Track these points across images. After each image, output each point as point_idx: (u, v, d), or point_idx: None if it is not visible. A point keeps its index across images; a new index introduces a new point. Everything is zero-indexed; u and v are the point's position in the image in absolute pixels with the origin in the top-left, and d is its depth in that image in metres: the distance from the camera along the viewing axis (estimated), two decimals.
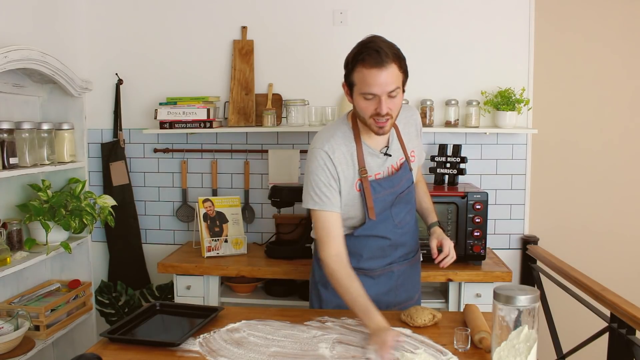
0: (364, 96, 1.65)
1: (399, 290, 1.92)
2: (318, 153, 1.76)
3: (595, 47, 2.82)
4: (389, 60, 1.63)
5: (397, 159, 1.84)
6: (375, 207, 1.79)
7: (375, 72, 1.62)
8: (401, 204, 1.85)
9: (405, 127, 1.89)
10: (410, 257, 1.94)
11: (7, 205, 2.42)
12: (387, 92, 1.63)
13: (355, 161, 1.77)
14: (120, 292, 2.93)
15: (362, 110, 1.68)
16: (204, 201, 2.67)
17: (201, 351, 1.54)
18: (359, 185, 1.77)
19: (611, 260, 2.85)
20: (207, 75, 2.94)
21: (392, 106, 1.66)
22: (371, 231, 1.82)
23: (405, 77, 1.72)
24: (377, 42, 1.66)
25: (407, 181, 1.86)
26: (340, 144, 1.77)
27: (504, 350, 1.33)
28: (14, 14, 2.41)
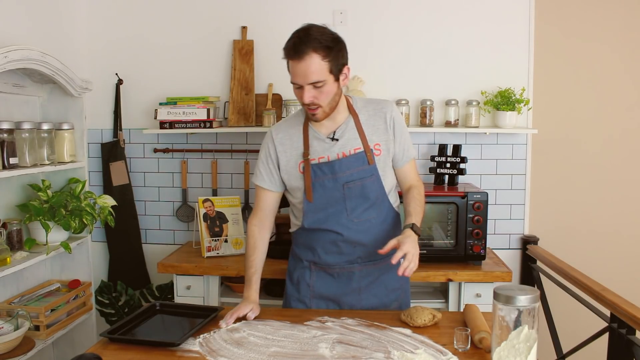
0: (294, 85, 1.73)
1: (363, 294, 1.89)
2: (267, 133, 1.92)
3: (595, 47, 2.82)
4: (309, 50, 1.64)
5: (349, 146, 1.82)
6: (315, 192, 1.81)
7: (295, 63, 1.68)
8: (356, 198, 1.82)
9: (369, 119, 1.85)
10: (378, 259, 1.87)
11: (7, 205, 2.42)
12: (308, 82, 1.68)
13: (300, 143, 1.83)
14: (120, 292, 2.93)
15: (297, 98, 1.77)
16: (204, 201, 2.67)
17: (201, 351, 1.54)
18: (302, 167, 1.83)
19: (611, 260, 2.85)
20: (207, 75, 2.94)
21: (319, 95, 1.71)
22: (321, 224, 1.83)
23: (335, 65, 1.69)
24: (304, 32, 1.68)
25: (360, 172, 1.81)
26: (289, 126, 1.89)
27: (504, 350, 1.33)
28: (14, 14, 2.41)
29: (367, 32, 2.86)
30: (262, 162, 1.90)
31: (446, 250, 2.51)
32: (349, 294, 1.88)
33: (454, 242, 2.48)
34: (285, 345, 1.57)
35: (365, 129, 1.84)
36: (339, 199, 1.81)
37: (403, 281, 1.98)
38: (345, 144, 1.82)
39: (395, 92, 2.85)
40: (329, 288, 1.89)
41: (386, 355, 1.49)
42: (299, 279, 1.94)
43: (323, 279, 1.90)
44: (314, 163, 1.81)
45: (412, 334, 1.63)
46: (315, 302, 1.91)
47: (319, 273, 1.90)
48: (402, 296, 1.97)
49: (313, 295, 1.91)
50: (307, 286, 1.91)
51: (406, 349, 1.53)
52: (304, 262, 1.93)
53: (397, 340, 1.59)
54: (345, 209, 1.82)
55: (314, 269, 1.90)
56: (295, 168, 1.84)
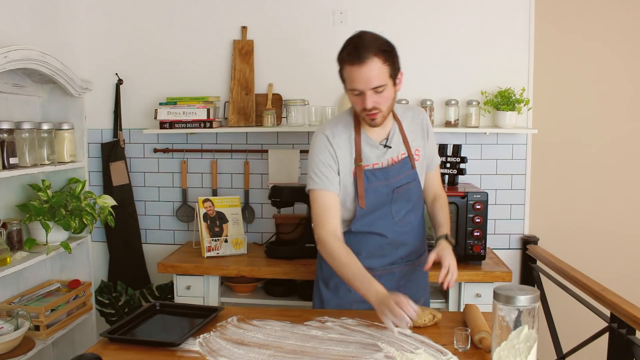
0: (352, 92, 1.71)
1: (401, 292, 1.89)
2: (320, 137, 1.84)
3: (595, 47, 2.82)
4: (370, 55, 1.64)
5: (398, 152, 1.85)
6: (367, 198, 1.81)
7: (356, 69, 1.65)
8: (401, 201, 1.85)
9: (410, 125, 1.90)
10: (413, 258, 1.93)
11: (7, 205, 2.42)
12: (370, 87, 1.67)
13: (353, 149, 1.81)
14: (120, 292, 2.93)
15: (354, 104, 1.76)
16: (204, 201, 2.67)
17: (201, 351, 1.54)
18: (354, 173, 1.82)
19: (611, 260, 2.85)
20: (207, 75, 2.94)
21: (380, 100, 1.70)
22: (369, 227, 1.83)
23: (393, 70, 1.70)
24: (360, 38, 1.68)
25: (407, 177, 1.85)
26: (341, 131, 1.84)
27: (504, 350, 1.33)
28: (14, 14, 2.41)
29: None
30: (323, 165, 1.80)
31: None
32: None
33: (454, 242, 2.48)
34: (285, 345, 1.57)
35: (408, 135, 1.88)
36: (385, 203, 1.84)
37: (427, 278, 2.05)
38: (394, 150, 1.85)
39: None
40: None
41: (386, 355, 1.49)
42: (337, 285, 1.90)
43: None
44: (368, 169, 1.81)
45: (412, 334, 1.63)
46: (356, 306, 1.89)
47: None
48: (427, 292, 2.05)
49: (354, 299, 1.88)
50: (349, 291, 1.88)
51: (406, 349, 1.53)
52: None
53: (397, 340, 1.59)
54: (391, 212, 1.84)
55: None
56: (349, 174, 1.82)
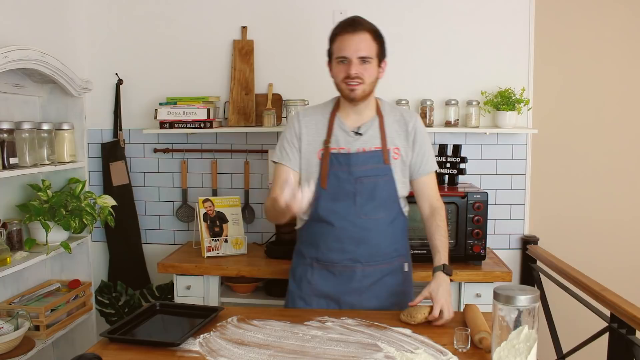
0: (338, 60, 1.80)
1: (365, 294, 1.88)
2: (294, 115, 1.96)
3: (595, 47, 2.82)
4: (363, 28, 1.79)
5: (370, 144, 1.86)
6: (329, 181, 1.84)
7: (348, 36, 1.78)
8: (366, 195, 1.84)
9: (393, 123, 1.91)
10: (382, 261, 1.88)
11: (7, 205, 2.42)
12: (357, 55, 1.76)
13: (324, 131, 1.87)
14: (120, 292, 2.93)
15: (336, 75, 1.82)
16: (204, 201, 2.67)
17: (201, 351, 1.54)
18: (321, 154, 1.85)
19: (611, 261, 2.85)
20: (207, 75, 2.94)
21: (364, 71, 1.78)
22: (328, 215, 1.84)
23: (381, 51, 1.83)
24: (357, 17, 1.85)
25: (375, 170, 1.84)
26: (316, 112, 1.94)
27: (504, 350, 1.33)
28: (14, 14, 2.41)
29: None
30: (287, 141, 1.91)
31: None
32: (350, 293, 1.88)
33: (454, 242, 2.48)
34: (285, 345, 1.57)
35: (388, 131, 1.88)
36: (349, 193, 1.83)
37: (406, 286, 1.97)
38: (367, 141, 1.86)
39: (395, 92, 2.85)
40: (330, 286, 1.89)
41: (386, 355, 1.49)
42: (301, 276, 1.95)
43: (324, 277, 1.90)
44: (334, 152, 1.85)
45: (412, 334, 1.63)
46: (315, 300, 1.91)
47: (321, 271, 1.90)
48: (403, 300, 1.94)
49: (313, 292, 1.91)
50: (308, 283, 1.92)
51: (406, 349, 1.53)
52: (307, 259, 1.94)
53: (397, 340, 1.59)
54: (355, 204, 1.83)
55: (316, 266, 1.91)
56: (314, 154, 1.86)
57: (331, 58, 1.84)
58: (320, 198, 1.84)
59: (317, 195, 1.83)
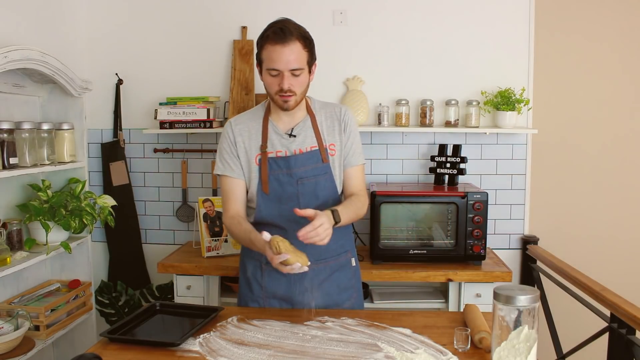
0: (270, 72, 1.76)
1: (315, 293, 1.88)
2: (226, 124, 1.92)
3: (595, 47, 2.83)
4: (293, 38, 1.73)
5: (306, 144, 1.86)
6: (271, 185, 1.83)
7: (278, 48, 1.72)
8: (308, 196, 1.84)
9: (326, 120, 1.91)
10: (329, 257, 1.90)
11: (7, 205, 2.42)
12: (289, 68, 1.73)
13: (259, 136, 1.86)
14: (120, 292, 2.93)
15: (269, 86, 1.80)
16: (204, 201, 2.67)
17: (201, 351, 1.54)
18: (258, 160, 1.85)
19: (611, 260, 2.86)
20: (207, 75, 2.94)
21: (295, 83, 1.76)
22: (274, 218, 1.84)
23: (311, 57, 1.80)
24: (285, 22, 1.77)
25: (315, 170, 1.85)
26: (247, 119, 1.92)
27: (504, 350, 1.33)
28: (14, 14, 2.41)
29: (367, 32, 2.86)
30: (225, 152, 1.89)
31: (446, 250, 2.51)
32: (302, 293, 1.88)
33: (454, 242, 2.48)
34: (285, 345, 1.57)
35: (322, 129, 1.89)
36: (292, 195, 1.84)
37: (355, 280, 1.99)
38: (302, 142, 1.86)
39: (395, 92, 2.85)
40: (281, 287, 1.90)
41: (386, 355, 1.49)
42: (250, 278, 1.95)
43: (274, 279, 1.89)
44: (271, 157, 1.85)
45: (412, 334, 1.63)
46: (268, 302, 1.91)
47: (271, 272, 1.89)
48: (354, 295, 1.98)
49: (266, 295, 1.91)
50: (260, 286, 1.92)
51: (406, 349, 1.53)
52: (256, 260, 1.93)
53: (397, 340, 1.59)
54: (299, 204, 1.82)
55: (265, 268, 1.90)
56: (252, 160, 1.86)
57: (261, 65, 1.79)
58: (263, 203, 1.85)
59: (260, 201, 1.85)
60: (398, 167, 2.90)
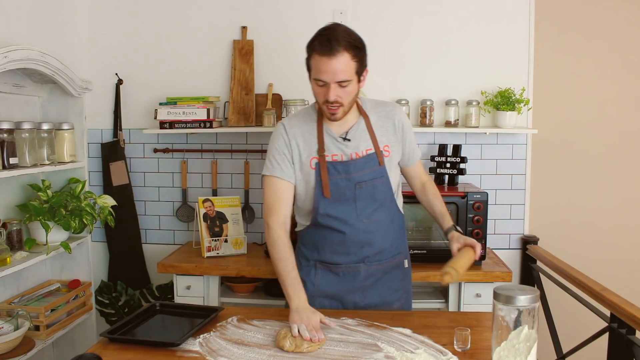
0: (317, 82, 1.72)
1: (367, 292, 1.89)
2: (278, 126, 1.89)
3: (595, 47, 2.82)
4: (341, 49, 1.66)
5: (361, 147, 1.84)
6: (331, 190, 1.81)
7: (325, 60, 1.66)
8: (366, 198, 1.83)
9: (379, 120, 1.88)
10: (383, 259, 1.90)
11: (7, 205, 2.42)
12: (336, 80, 1.68)
13: (313, 140, 1.83)
14: (120, 292, 2.93)
15: (316, 95, 1.77)
16: (204, 201, 2.67)
17: (201, 351, 1.54)
18: (314, 163, 1.82)
19: (611, 260, 2.85)
20: (207, 75, 2.94)
21: (343, 94, 1.71)
22: (330, 222, 1.83)
23: (360, 66, 1.73)
24: (333, 30, 1.69)
25: (372, 173, 1.83)
26: (300, 121, 1.88)
27: (504, 350, 1.33)
28: (14, 14, 2.41)
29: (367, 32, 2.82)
30: (277, 152, 1.84)
31: (446, 250, 2.47)
32: (353, 292, 1.89)
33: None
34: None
35: (376, 130, 1.86)
36: (349, 198, 1.82)
37: (405, 282, 1.99)
38: (358, 145, 1.84)
39: (395, 92, 2.85)
40: (334, 286, 1.90)
41: (386, 355, 1.49)
42: (303, 278, 1.93)
43: (328, 278, 1.90)
44: (328, 160, 1.82)
45: (412, 334, 1.64)
46: (318, 300, 1.90)
47: (324, 272, 1.90)
48: (404, 296, 1.98)
49: (317, 293, 1.91)
50: (312, 285, 1.91)
51: (406, 349, 1.53)
52: (310, 261, 1.93)
53: (397, 340, 1.59)
54: (355, 208, 1.82)
55: (320, 267, 1.91)
56: (306, 164, 1.83)
57: (310, 72, 1.76)
58: (322, 206, 1.83)
59: (319, 204, 1.83)
60: None
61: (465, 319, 1.80)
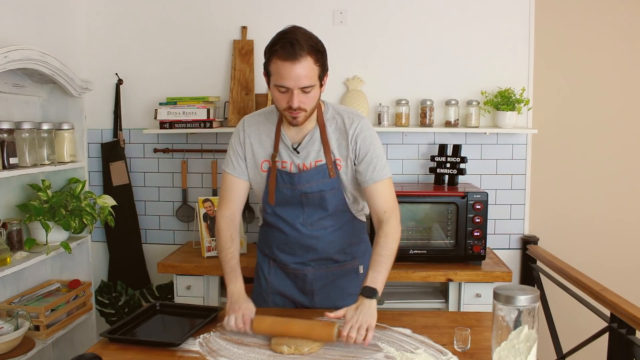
0: (278, 89, 1.63)
1: (317, 296, 1.88)
2: (240, 122, 1.87)
3: (595, 47, 2.82)
4: (304, 53, 1.57)
5: (310, 159, 1.77)
6: (276, 196, 1.80)
7: (288, 65, 1.58)
8: (313, 207, 1.79)
9: (334, 132, 1.78)
10: (332, 265, 1.86)
11: (7, 205, 2.42)
12: (299, 86, 1.60)
13: (269, 143, 1.81)
14: (120, 292, 2.93)
15: (277, 101, 1.68)
16: (204, 201, 2.67)
17: (201, 351, 1.54)
18: (265, 166, 1.81)
19: (611, 260, 2.85)
20: (207, 75, 2.94)
21: (306, 100, 1.64)
22: (276, 222, 1.84)
23: (322, 71, 1.65)
24: (294, 34, 1.59)
25: (321, 185, 1.76)
26: (260, 121, 1.84)
27: (504, 350, 1.33)
28: (14, 14, 2.41)
29: (367, 32, 2.86)
30: (232, 150, 1.84)
31: (446, 250, 2.51)
32: (303, 294, 1.89)
33: (454, 242, 2.48)
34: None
35: (330, 141, 1.77)
36: (296, 204, 1.81)
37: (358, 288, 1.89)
38: (307, 156, 1.77)
39: (395, 92, 2.85)
40: (285, 286, 1.91)
41: (386, 355, 1.49)
42: (259, 273, 1.97)
43: (279, 276, 1.92)
44: (278, 168, 1.79)
45: (412, 334, 1.63)
46: (272, 298, 1.92)
47: (276, 270, 1.92)
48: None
49: (270, 290, 1.92)
50: (266, 281, 1.93)
51: (406, 349, 1.53)
52: (265, 256, 1.95)
53: (397, 340, 1.59)
54: (303, 213, 1.81)
55: (272, 264, 1.93)
56: (257, 166, 1.82)
57: (269, 77, 1.66)
58: (268, 209, 1.84)
59: (265, 206, 1.85)
60: (398, 167, 2.90)
61: (465, 319, 1.80)
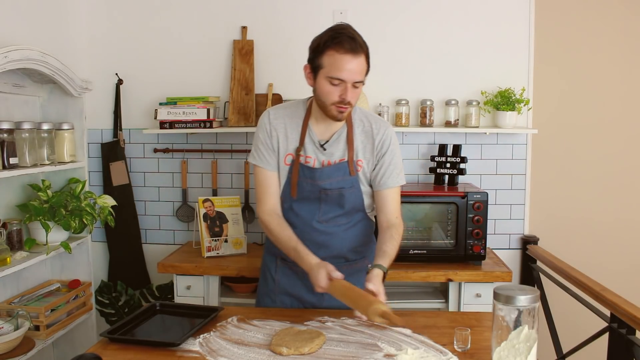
0: (331, 81, 1.66)
1: (327, 294, 1.83)
2: (264, 115, 1.86)
3: (596, 47, 2.82)
4: (362, 50, 1.65)
5: (335, 157, 1.80)
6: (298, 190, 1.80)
7: (348, 58, 1.63)
8: (331, 204, 1.82)
9: (360, 133, 1.82)
10: (343, 263, 1.86)
11: (7, 205, 2.42)
12: (353, 80, 1.65)
13: (295, 137, 1.81)
14: (120, 292, 2.93)
15: (326, 94, 1.68)
16: (204, 201, 2.67)
17: (201, 351, 1.54)
18: (289, 160, 1.81)
19: (611, 260, 2.85)
20: (207, 75, 2.94)
21: (355, 95, 1.69)
22: (291, 218, 1.84)
23: (368, 69, 1.71)
24: (351, 29, 1.67)
25: (341, 182, 1.79)
26: (287, 115, 1.84)
27: (504, 350, 1.33)
28: (14, 14, 2.41)
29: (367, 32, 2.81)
30: (262, 143, 1.83)
31: (446, 250, 2.51)
32: (312, 293, 1.87)
33: (454, 242, 2.48)
34: None
35: (355, 142, 1.81)
36: (314, 200, 1.82)
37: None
38: (332, 153, 1.81)
39: (395, 92, 2.85)
40: (293, 285, 1.91)
41: (386, 355, 1.49)
42: (266, 273, 1.96)
43: (287, 275, 1.91)
44: (301, 162, 1.81)
45: (412, 334, 1.63)
46: (279, 298, 1.92)
47: (284, 269, 1.91)
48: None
49: (278, 290, 1.92)
50: (273, 281, 1.93)
51: (406, 348, 1.53)
52: (273, 256, 1.95)
53: (397, 340, 1.59)
54: (319, 209, 1.82)
55: (280, 264, 1.92)
56: (281, 158, 1.83)
57: (317, 70, 1.69)
58: (287, 199, 1.84)
59: (284, 200, 1.85)
60: None
61: (465, 319, 1.80)
